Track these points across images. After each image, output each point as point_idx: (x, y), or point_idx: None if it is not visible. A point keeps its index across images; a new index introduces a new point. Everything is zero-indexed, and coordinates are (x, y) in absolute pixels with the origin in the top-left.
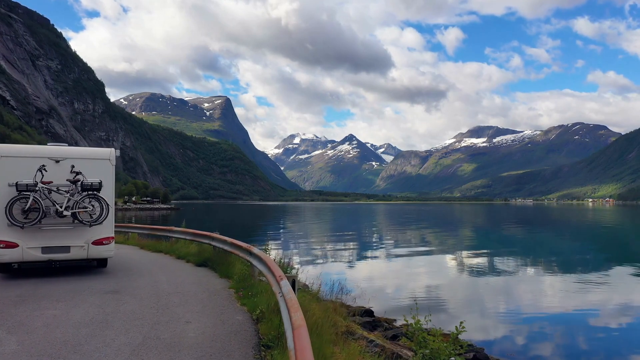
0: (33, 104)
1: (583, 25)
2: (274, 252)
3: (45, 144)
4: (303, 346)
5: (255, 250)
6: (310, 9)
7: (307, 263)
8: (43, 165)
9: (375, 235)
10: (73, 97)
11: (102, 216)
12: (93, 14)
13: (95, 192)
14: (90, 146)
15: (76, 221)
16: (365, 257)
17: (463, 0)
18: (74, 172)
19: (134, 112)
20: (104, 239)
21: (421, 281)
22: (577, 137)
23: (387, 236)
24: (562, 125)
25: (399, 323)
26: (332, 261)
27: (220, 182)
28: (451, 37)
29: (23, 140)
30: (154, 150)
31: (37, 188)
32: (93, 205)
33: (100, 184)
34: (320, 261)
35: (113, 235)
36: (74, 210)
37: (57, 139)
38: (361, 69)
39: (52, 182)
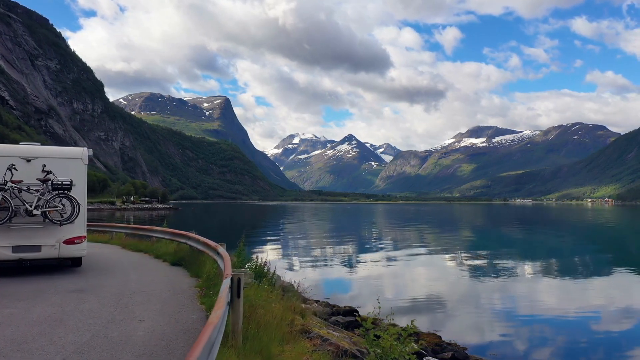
0: (32, 104)
1: (581, 25)
2: (267, 253)
3: (45, 144)
4: (198, 343)
5: (220, 249)
6: (308, 8)
7: (302, 263)
8: (12, 165)
9: (372, 235)
10: (72, 97)
11: (73, 215)
12: (90, 13)
13: (66, 191)
14: (89, 146)
15: (47, 220)
16: (361, 258)
17: (461, 0)
18: (45, 171)
19: (133, 112)
20: (75, 238)
21: (416, 282)
22: (576, 137)
23: (385, 236)
24: (562, 125)
25: (386, 323)
26: (328, 261)
27: (219, 182)
28: (449, 37)
29: (22, 140)
30: (153, 150)
31: (6, 187)
32: (64, 205)
33: (71, 183)
34: (316, 261)
35: (85, 234)
36: (44, 210)
37: (56, 138)
38: (360, 69)
39: (22, 181)
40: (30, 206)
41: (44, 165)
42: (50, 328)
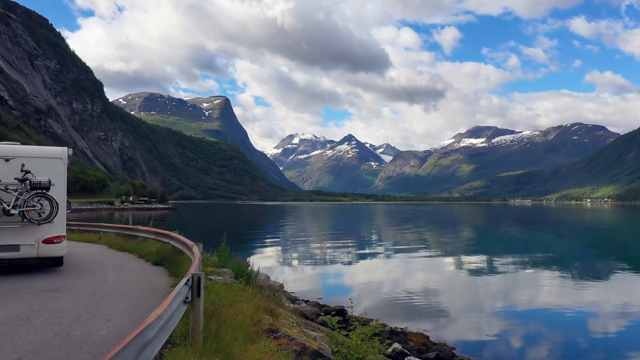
0: (31, 104)
1: (580, 25)
2: (264, 254)
3: (44, 144)
4: (121, 342)
5: (194, 249)
6: (306, 8)
7: (297, 263)
8: None
9: (370, 235)
10: (72, 97)
11: (52, 215)
12: (88, 13)
13: (44, 191)
14: (89, 146)
15: (25, 220)
16: (359, 258)
17: (459, 0)
18: (24, 170)
19: (132, 112)
20: (54, 237)
21: (412, 282)
22: (575, 137)
23: (383, 236)
24: (561, 125)
25: (374, 323)
26: (325, 261)
27: (219, 182)
28: (448, 37)
29: (21, 141)
30: (152, 150)
31: None
32: (42, 204)
33: (49, 182)
34: (312, 262)
35: (64, 234)
36: (22, 209)
37: (55, 138)
38: (359, 69)
39: (0, 180)
40: (8, 206)
41: (23, 165)
42: (14, 327)
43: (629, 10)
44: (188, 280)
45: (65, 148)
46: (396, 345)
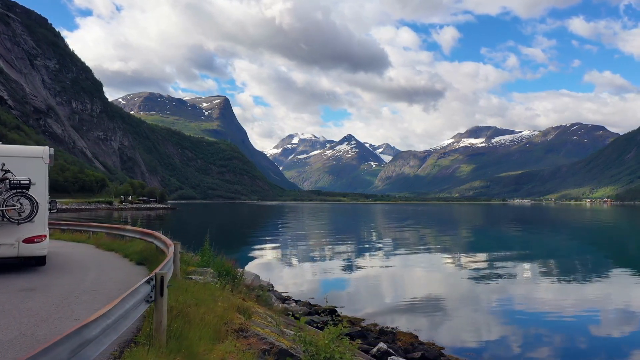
0: (31, 104)
1: (578, 25)
2: (262, 254)
3: (43, 144)
4: (51, 341)
5: (170, 248)
6: (305, 8)
7: (294, 263)
8: None
9: (369, 235)
10: (71, 97)
11: (32, 214)
12: (86, 12)
13: (24, 190)
14: (88, 146)
15: (4, 219)
16: (356, 258)
17: (458, 0)
18: (3, 170)
19: (132, 112)
20: (35, 237)
21: (407, 282)
22: (575, 137)
23: (381, 237)
24: (561, 125)
25: (366, 322)
26: (322, 262)
27: (218, 182)
28: (447, 37)
29: (20, 140)
30: (152, 150)
31: None
32: (22, 204)
33: (29, 182)
34: (309, 262)
35: (46, 233)
36: (2, 208)
37: (55, 138)
38: (359, 69)
39: None
40: None
41: (3, 164)
42: None
43: (628, 10)
44: (150, 279)
45: (47, 148)
46: (381, 344)
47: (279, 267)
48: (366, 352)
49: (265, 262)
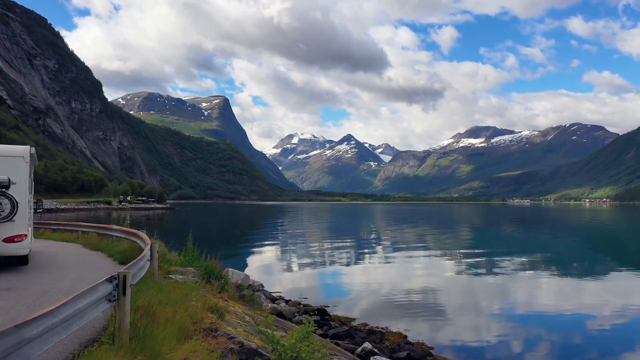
0: (30, 104)
1: (577, 25)
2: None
3: (43, 143)
4: None
5: (147, 247)
6: (303, 8)
7: (289, 263)
8: None
9: (366, 235)
10: (70, 97)
11: (12, 213)
12: (84, 12)
13: (3, 190)
14: (87, 146)
15: None
16: (352, 258)
17: (457, 0)
18: None
19: (131, 112)
20: (15, 236)
21: (404, 282)
22: (574, 137)
23: (380, 237)
24: (560, 125)
25: (357, 322)
26: (318, 262)
27: (218, 181)
28: (446, 37)
29: (19, 140)
30: (151, 150)
31: None
32: (1, 203)
33: (9, 181)
34: (304, 262)
35: (27, 232)
36: None
37: (54, 138)
38: (358, 69)
39: None
40: None
41: None
42: None
43: (626, 10)
44: (112, 278)
45: (28, 147)
46: (366, 344)
47: (274, 268)
48: (352, 352)
49: (261, 262)
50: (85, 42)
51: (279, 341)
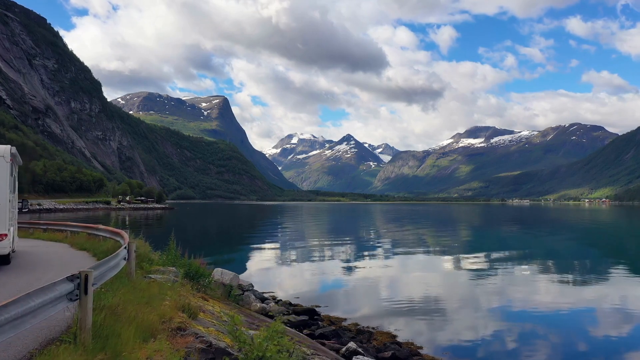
0: (29, 103)
1: (576, 25)
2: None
3: (42, 144)
4: None
5: (123, 246)
6: (301, 8)
7: (284, 263)
8: None
9: (364, 235)
10: (70, 97)
11: None
12: (82, 12)
13: None
14: (87, 146)
15: None
16: (348, 258)
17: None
18: None
19: (131, 112)
20: None
21: (398, 283)
22: (574, 137)
23: (377, 236)
24: (560, 125)
25: (348, 322)
26: (314, 262)
27: (217, 181)
28: (444, 37)
29: (18, 140)
30: (151, 150)
31: None
32: None
33: None
34: (302, 262)
35: (7, 232)
36: None
37: (53, 138)
38: (357, 69)
39: None
40: None
41: None
42: None
43: (625, 9)
44: (74, 277)
45: (8, 147)
46: (351, 344)
47: (270, 267)
48: (337, 352)
49: (256, 262)
50: (84, 42)
51: (245, 340)
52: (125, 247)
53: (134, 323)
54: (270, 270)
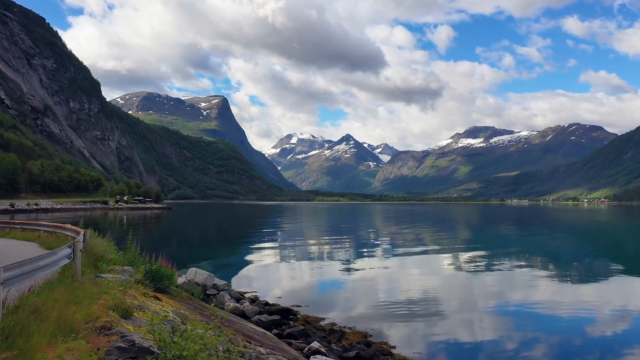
0: (28, 103)
1: (573, 25)
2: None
3: (41, 144)
4: None
5: (63, 246)
6: (298, 7)
7: (276, 263)
8: None
9: (360, 235)
10: (68, 96)
11: None
12: (78, 11)
13: None
14: (86, 145)
15: None
16: (343, 258)
17: None
18: None
19: (130, 112)
20: None
21: (382, 283)
22: (573, 137)
23: (374, 236)
24: (559, 126)
25: (325, 322)
26: (308, 262)
27: (216, 181)
28: (442, 36)
29: (17, 140)
30: (150, 150)
31: None
32: None
33: None
34: (295, 261)
35: None
36: None
37: (52, 138)
38: (355, 68)
39: None
40: None
41: None
42: None
43: (622, 9)
44: None
45: None
46: (314, 343)
47: (257, 267)
48: (302, 351)
49: (245, 261)
50: (80, 41)
51: (165, 339)
52: (69, 246)
53: (54, 323)
54: (258, 270)
